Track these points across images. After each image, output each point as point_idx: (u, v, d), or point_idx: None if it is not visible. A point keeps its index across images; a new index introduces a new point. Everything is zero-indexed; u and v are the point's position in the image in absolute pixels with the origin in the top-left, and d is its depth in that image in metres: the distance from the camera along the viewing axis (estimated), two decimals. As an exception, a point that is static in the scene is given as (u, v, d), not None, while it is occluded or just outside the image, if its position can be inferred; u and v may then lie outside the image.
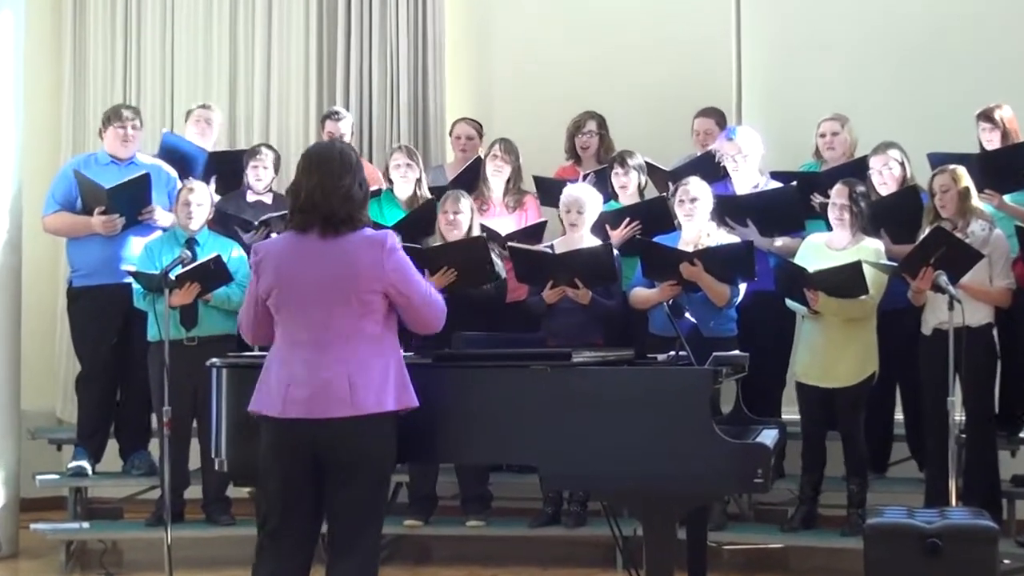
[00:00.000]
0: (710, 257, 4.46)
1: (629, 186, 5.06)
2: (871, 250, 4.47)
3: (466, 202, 4.83)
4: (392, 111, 6.15)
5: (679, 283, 4.51)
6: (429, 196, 5.09)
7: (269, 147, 5.45)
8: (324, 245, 2.85)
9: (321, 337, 2.83)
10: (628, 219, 4.89)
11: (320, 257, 2.85)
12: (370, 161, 6.04)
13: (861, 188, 4.53)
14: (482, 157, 5.36)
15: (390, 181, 5.16)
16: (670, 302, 4.26)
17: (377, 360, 2.84)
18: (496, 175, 5.21)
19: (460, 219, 4.78)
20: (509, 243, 4.73)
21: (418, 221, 4.97)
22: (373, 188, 5.31)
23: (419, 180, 5.13)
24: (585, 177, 5.21)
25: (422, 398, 2.95)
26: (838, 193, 4.52)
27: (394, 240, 2.89)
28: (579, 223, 4.72)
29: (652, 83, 5.82)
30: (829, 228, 4.60)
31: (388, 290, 2.85)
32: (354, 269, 2.83)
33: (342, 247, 2.84)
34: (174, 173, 5.24)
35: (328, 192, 2.83)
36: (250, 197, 5.29)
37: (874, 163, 4.74)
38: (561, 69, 5.91)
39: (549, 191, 5.21)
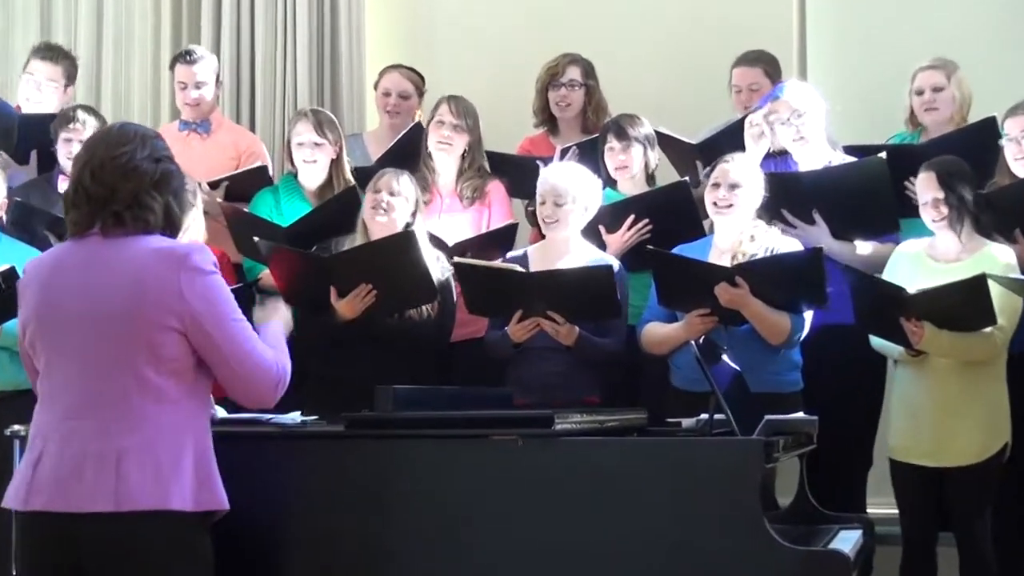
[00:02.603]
0: (760, 273, 4.45)
1: (631, 166, 5.08)
2: (997, 261, 4.49)
3: (408, 182, 4.85)
4: (284, 55, 6.21)
5: (713, 313, 4.53)
6: (351, 182, 5.16)
7: (89, 111, 5.42)
8: (101, 254, 2.90)
9: (85, 393, 2.86)
10: (632, 217, 4.94)
11: (90, 274, 2.89)
12: (252, 129, 6.09)
13: (958, 168, 4.54)
14: (422, 124, 5.41)
15: (292, 162, 5.22)
16: (700, 341, 4.22)
17: (168, 435, 2.86)
18: (444, 150, 5.21)
19: (396, 203, 4.80)
20: (455, 259, 4.73)
21: (331, 217, 5.01)
22: (255, 164, 5.42)
23: (336, 160, 5.19)
24: (564, 153, 5.24)
25: (320, 486, 2.95)
26: (924, 183, 4.54)
27: (204, 257, 2.91)
28: (562, 221, 4.71)
29: (671, 19, 5.89)
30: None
31: (188, 329, 2.88)
32: (138, 290, 2.86)
33: (123, 258, 2.89)
34: None
35: (100, 166, 2.90)
36: (64, 184, 5.28)
37: (1010, 127, 4.75)
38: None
39: (512, 174, 5.24)
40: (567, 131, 5.60)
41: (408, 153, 5.30)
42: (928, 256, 4.59)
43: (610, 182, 5.12)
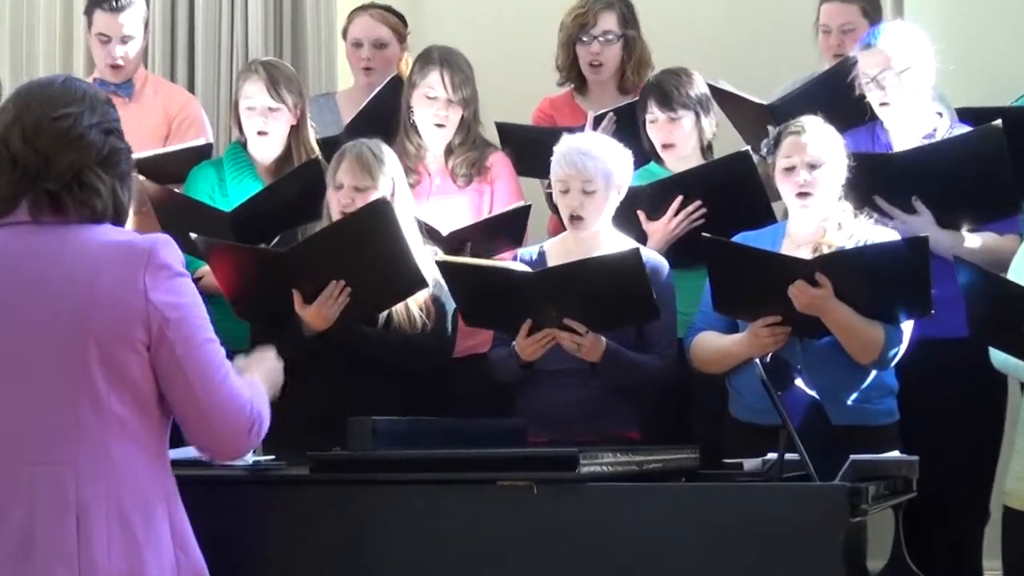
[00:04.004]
0: (849, 269, 4.43)
1: (681, 144, 5.11)
2: None
3: (388, 156, 4.83)
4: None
5: (785, 321, 4.53)
6: (315, 154, 5.17)
7: None
8: (35, 247, 2.86)
9: (28, 429, 2.83)
10: (680, 198, 4.96)
11: (22, 273, 2.86)
12: (189, 88, 6.08)
13: None
14: (401, 76, 5.47)
15: (240, 126, 5.25)
16: (768, 359, 4.24)
17: (138, 484, 2.84)
18: (430, 115, 5.23)
19: (367, 199, 4.73)
20: (438, 257, 4.71)
21: (289, 200, 5.00)
22: (198, 142, 5.43)
23: (298, 127, 5.22)
24: (598, 121, 5.24)
25: (280, 543, 3.01)
26: None
27: (172, 252, 2.90)
28: (588, 207, 4.68)
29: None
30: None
31: (154, 343, 2.86)
32: (91, 294, 2.84)
33: (68, 252, 2.86)
34: None
35: (35, 128, 2.87)
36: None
37: None
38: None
39: (528, 150, 5.23)
40: (600, 92, 5.60)
41: (385, 116, 5.30)
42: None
43: (653, 156, 5.13)
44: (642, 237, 4.88)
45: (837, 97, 4.94)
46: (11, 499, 2.80)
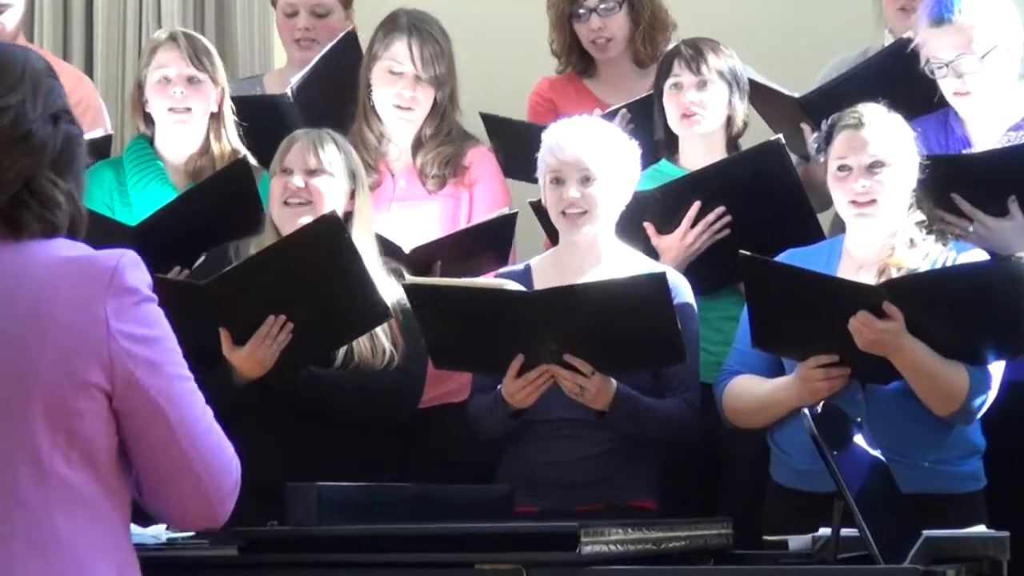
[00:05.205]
0: (923, 299, 4.48)
1: (707, 114, 5.16)
2: None
3: (334, 151, 4.84)
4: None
5: (843, 362, 4.54)
6: (240, 152, 5.21)
7: None
8: None
9: None
10: (698, 204, 4.99)
11: None
12: (86, 70, 6.13)
13: None
14: (355, 33, 5.58)
15: (147, 119, 5.30)
16: (820, 409, 4.17)
17: (84, 563, 2.83)
18: (392, 95, 5.28)
19: (321, 185, 4.79)
20: (405, 280, 4.70)
21: (212, 210, 5.01)
22: (95, 133, 5.42)
23: (218, 118, 5.27)
24: (612, 116, 5.27)
25: None
26: None
27: (139, 274, 2.90)
28: (594, 210, 4.69)
29: None
30: None
31: (116, 387, 2.85)
32: (37, 325, 2.83)
33: (10, 272, 2.85)
34: None
35: None
36: None
37: None
38: None
39: (520, 147, 5.20)
40: (612, 70, 5.69)
41: (333, 90, 5.37)
42: None
43: (668, 146, 5.16)
44: (651, 254, 4.91)
45: (894, 79, 4.96)
46: None
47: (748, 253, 4.54)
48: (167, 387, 2.87)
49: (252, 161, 5.10)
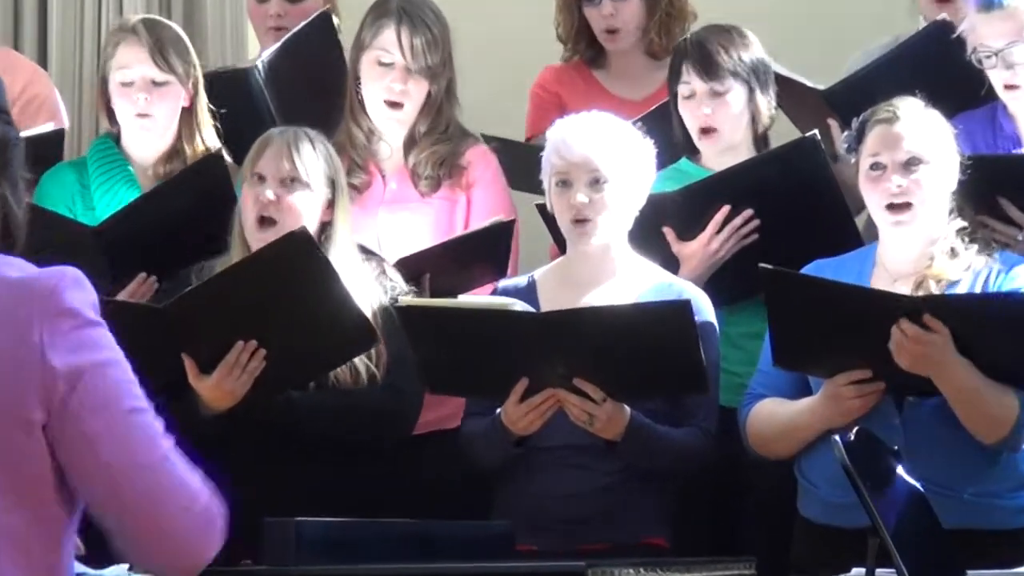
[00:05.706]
0: (969, 314, 4.50)
1: (728, 117, 5.16)
2: None
3: (311, 155, 4.84)
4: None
5: (876, 377, 4.53)
6: (214, 147, 5.24)
7: None
8: None
9: None
10: (727, 208, 5.02)
11: None
12: (40, 61, 6.15)
13: None
14: (330, 14, 5.66)
15: (112, 116, 5.35)
16: (851, 436, 4.16)
17: None
18: (382, 88, 5.31)
19: (296, 200, 4.79)
20: (398, 300, 4.71)
21: (180, 214, 5.03)
22: (47, 127, 5.41)
23: (191, 112, 5.32)
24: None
25: None
26: None
27: (81, 294, 2.87)
28: (598, 206, 4.69)
29: None
30: None
31: (54, 421, 2.84)
32: None
33: None
34: None
35: None
36: None
37: None
38: None
39: (521, 168, 5.24)
40: (622, 62, 5.73)
41: (305, 75, 5.46)
42: None
43: (688, 146, 5.18)
44: (670, 262, 4.90)
45: (931, 69, 4.99)
46: None
47: (768, 266, 4.55)
48: (108, 420, 2.84)
49: (227, 159, 5.12)
